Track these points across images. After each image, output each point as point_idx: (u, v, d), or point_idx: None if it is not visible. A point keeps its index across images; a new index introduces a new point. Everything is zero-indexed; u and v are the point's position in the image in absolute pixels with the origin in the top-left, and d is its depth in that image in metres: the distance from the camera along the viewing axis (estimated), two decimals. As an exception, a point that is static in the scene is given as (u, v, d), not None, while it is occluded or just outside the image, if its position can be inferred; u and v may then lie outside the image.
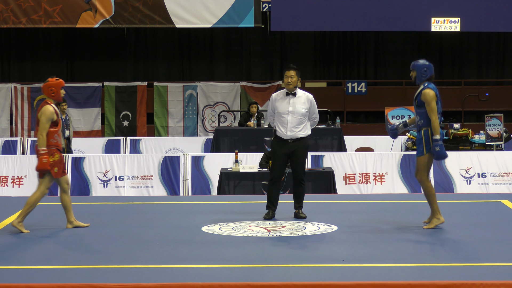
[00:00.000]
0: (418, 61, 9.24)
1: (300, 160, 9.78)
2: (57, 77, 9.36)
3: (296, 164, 9.79)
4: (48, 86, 9.23)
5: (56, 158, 9.13)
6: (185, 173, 14.44)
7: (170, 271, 6.99)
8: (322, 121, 18.88)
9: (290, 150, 9.72)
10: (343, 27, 20.66)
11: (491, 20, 19.74)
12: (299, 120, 9.73)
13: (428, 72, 9.13)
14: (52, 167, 9.08)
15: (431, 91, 8.99)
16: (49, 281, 6.56)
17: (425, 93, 9.01)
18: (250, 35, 22.66)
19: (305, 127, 9.77)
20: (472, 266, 7.14)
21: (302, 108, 9.71)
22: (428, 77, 9.13)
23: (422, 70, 9.14)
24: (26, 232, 8.96)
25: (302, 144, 9.77)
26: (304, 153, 9.84)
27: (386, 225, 9.37)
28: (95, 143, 18.83)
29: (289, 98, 9.73)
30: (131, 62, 22.74)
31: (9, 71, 22.81)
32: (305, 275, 6.81)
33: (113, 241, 8.52)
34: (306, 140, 9.84)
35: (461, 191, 14.30)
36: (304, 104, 9.73)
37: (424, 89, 9.04)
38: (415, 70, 9.17)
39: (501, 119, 16.79)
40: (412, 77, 9.22)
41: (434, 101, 8.98)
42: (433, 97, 8.98)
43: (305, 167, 9.99)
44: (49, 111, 9.15)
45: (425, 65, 9.17)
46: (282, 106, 9.71)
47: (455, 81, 22.66)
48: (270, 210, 9.79)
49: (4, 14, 19.72)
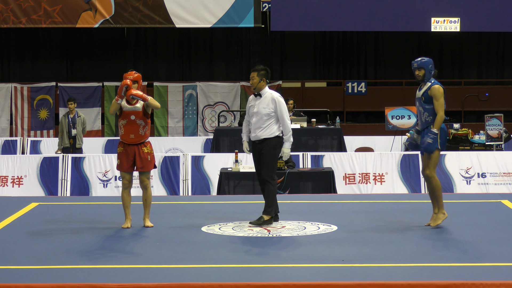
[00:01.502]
0: (424, 58, 9.22)
1: (264, 160, 9.39)
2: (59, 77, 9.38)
3: (261, 164, 9.46)
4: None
5: (120, 150, 9.22)
6: (185, 173, 14.44)
7: (170, 271, 6.99)
8: (322, 121, 18.96)
9: (258, 152, 9.47)
10: (343, 27, 20.65)
11: (491, 20, 19.73)
12: (263, 121, 9.42)
13: (433, 68, 9.19)
14: (116, 159, 9.28)
15: (440, 87, 9.06)
16: (49, 281, 6.56)
17: (435, 88, 9.03)
18: (250, 35, 22.66)
19: (269, 127, 9.41)
20: (472, 266, 7.14)
21: (265, 109, 9.42)
22: (433, 73, 9.17)
23: (429, 66, 9.15)
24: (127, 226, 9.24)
25: (268, 145, 9.39)
26: (268, 153, 9.39)
27: (386, 225, 9.37)
28: (95, 143, 18.83)
29: (256, 99, 9.58)
30: (131, 62, 22.73)
31: (9, 71, 22.80)
32: (305, 275, 6.81)
33: (113, 241, 8.51)
34: (273, 141, 9.42)
35: (461, 191, 14.30)
36: (268, 104, 9.43)
37: (433, 84, 9.06)
38: (424, 68, 9.13)
39: (501, 119, 16.80)
40: (420, 76, 9.14)
41: (443, 97, 9.03)
42: (442, 93, 9.04)
43: (271, 166, 9.42)
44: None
45: (430, 61, 9.20)
46: (250, 108, 9.58)
47: (455, 81, 22.65)
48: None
49: (4, 14, 19.72)
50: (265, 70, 9.61)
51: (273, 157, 9.43)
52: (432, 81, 9.12)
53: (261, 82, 9.53)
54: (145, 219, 9.30)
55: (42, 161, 14.58)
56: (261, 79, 9.53)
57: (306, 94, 21.68)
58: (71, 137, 16.18)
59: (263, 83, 9.56)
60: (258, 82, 9.52)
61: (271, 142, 9.42)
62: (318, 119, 18.30)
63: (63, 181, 14.42)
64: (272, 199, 9.33)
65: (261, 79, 9.53)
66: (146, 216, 9.31)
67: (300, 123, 16.79)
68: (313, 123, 16.93)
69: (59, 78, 22.29)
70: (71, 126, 16.16)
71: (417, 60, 9.23)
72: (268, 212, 9.32)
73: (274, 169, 9.45)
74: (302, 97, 21.48)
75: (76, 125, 16.16)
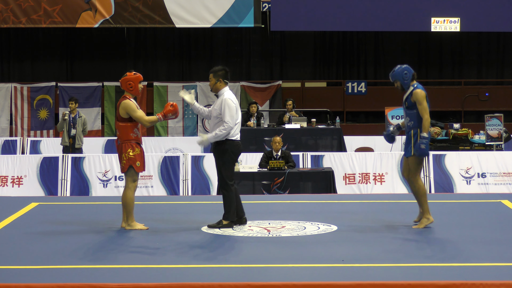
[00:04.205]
0: (394, 70, 9.25)
1: (218, 166, 9.25)
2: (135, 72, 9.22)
3: (216, 169, 9.34)
4: (126, 80, 9.13)
5: (137, 152, 9.11)
6: (185, 173, 14.44)
7: (170, 271, 6.99)
8: (322, 121, 18.96)
9: (214, 154, 9.36)
10: (343, 27, 20.65)
11: (491, 20, 19.73)
12: (214, 123, 9.24)
13: (409, 74, 9.16)
14: (134, 162, 9.07)
15: (422, 91, 9.07)
16: (49, 281, 6.56)
17: (416, 93, 9.06)
18: (250, 35, 22.66)
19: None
20: (472, 266, 7.14)
21: (216, 110, 9.22)
22: (411, 78, 9.15)
23: (402, 75, 9.16)
24: (145, 228, 9.07)
25: (219, 150, 9.21)
26: (220, 159, 9.19)
27: (386, 225, 9.37)
28: (95, 143, 18.83)
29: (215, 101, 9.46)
30: (131, 62, 22.73)
31: (9, 71, 22.80)
32: (305, 275, 6.81)
33: (113, 241, 8.51)
34: (223, 145, 9.17)
35: (461, 191, 14.30)
36: (218, 106, 9.21)
37: (415, 89, 9.08)
38: (397, 79, 9.19)
39: (501, 119, 16.79)
40: (398, 87, 9.24)
41: (425, 100, 9.04)
42: (424, 96, 9.05)
43: (225, 173, 9.18)
44: (132, 104, 9.07)
45: (402, 69, 9.19)
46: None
47: (455, 81, 22.65)
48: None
49: (4, 14, 19.72)
50: (222, 71, 9.30)
51: (226, 163, 9.19)
52: (415, 85, 9.14)
53: (217, 83, 9.27)
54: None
55: (42, 161, 14.59)
56: (217, 80, 9.26)
57: (306, 94, 21.68)
58: (71, 136, 16.18)
59: (220, 84, 9.27)
60: (214, 84, 9.28)
61: (222, 146, 9.19)
62: (318, 119, 18.30)
63: (63, 181, 14.43)
64: (228, 205, 9.21)
65: (218, 80, 9.26)
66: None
67: (300, 123, 16.80)
68: (313, 123, 16.94)
69: (59, 78, 22.30)
70: (71, 126, 16.16)
71: (391, 73, 9.28)
72: (226, 217, 9.23)
73: (228, 175, 9.23)
74: (302, 97, 21.48)
75: (76, 125, 16.15)
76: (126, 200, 9.06)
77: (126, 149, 9.06)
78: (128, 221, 9.09)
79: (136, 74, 9.18)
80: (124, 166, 9.09)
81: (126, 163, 9.06)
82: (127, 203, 9.06)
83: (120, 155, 9.12)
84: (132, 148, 9.06)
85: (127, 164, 9.06)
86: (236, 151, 9.26)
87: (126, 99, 9.09)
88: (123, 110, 9.05)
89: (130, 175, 9.10)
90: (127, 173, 9.10)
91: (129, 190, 9.09)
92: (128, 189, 9.09)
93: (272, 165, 13.47)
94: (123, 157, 9.07)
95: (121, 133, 9.11)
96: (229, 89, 9.33)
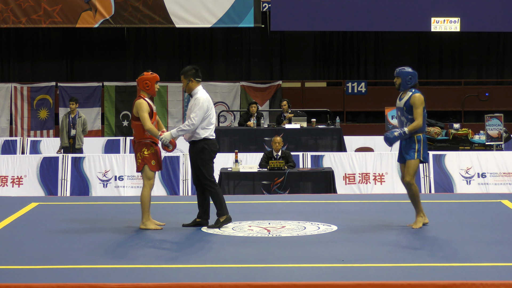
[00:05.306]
0: (404, 68, 9.28)
1: (197, 167, 9.21)
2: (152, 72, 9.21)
3: (196, 171, 9.27)
4: (143, 79, 9.14)
5: (152, 151, 9.14)
6: (185, 173, 14.44)
7: (170, 271, 7.00)
8: (322, 121, 18.95)
9: (190, 155, 9.34)
10: (343, 27, 20.65)
11: (491, 20, 19.73)
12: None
13: (412, 80, 9.19)
14: (149, 160, 9.09)
15: (421, 96, 9.11)
16: (49, 281, 6.56)
17: (416, 97, 9.08)
18: (250, 35, 22.65)
19: (194, 130, 9.15)
20: (472, 266, 7.14)
21: (189, 110, 9.25)
22: (412, 85, 9.18)
23: (407, 77, 9.19)
24: (160, 227, 9.10)
25: (195, 149, 9.20)
26: (197, 159, 9.19)
27: (386, 225, 9.37)
28: (95, 143, 18.84)
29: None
30: (131, 62, 22.73)
31: (9, 71, 22.80)
32: (305, 275, 6.81)
33: (112, 241, 8.51)
34: (199, 144, 9.17)
35: (461, 191, 14.30)
36: (191, 105, 9.21)
37: (414, 93, 9.10)
38: (400, 77, 9.22)
39: (501, 119, 16.79)
40: (396, 84, 9.26)
41: (422, 107, 9.06)
42: (422, 101, 9.07)
43: (205, 172, 9.18)
44: (144, 104, 9.07)
45: (409, 72, 9.21)
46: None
47: (455, 81, 22.64)
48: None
49: (4, 14, 19.72)
50: (192, 70, 9.25)
51: (204, 161, 9.19)
52: (413, 90, 9.16)
53: (190, 83, 9.22)
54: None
55: (42, 161, 14.59)
56: (189, 80, 9.22)
57: (306, 94, 21.67)
58: (71, 137, 16.18)
59: (193, 83, 9.23)
60: (186, 84, 9.25)
61: (198, 145, 9.19)
62: (318, 119, 18.29)
63: (63, 181, 14.43)
64: (219, 202, 9.20)
65: (189, 80, 9.22)
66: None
67: (300, 123, 16.80)
68: (313, 123, 16.94)
69: (59, 78, 22.29)
70: (71, 126, 16.16)
71: (399, 68, 9.31)
72: (221, 213, 9.22)
73: (208, 173, 9.22)
74: (302, 97, 21.48)
75: (76, 125, 16.15)
76: (142, 199, 9.13)
77: (141, 148, 9.12)
78: (143, 219, 9.14)
79: (153, 74, 9.23)
80: (139, 165, 9.16)
81: (141, 162, 9.12)
82: (142, 201, 9.12)
83: (135, 154, 9.19)
84: (147, 147, 9.12)
85: (142, 163, 9.12)
86: (214, 149, 9.30)
87: (141, 99, 9.14)
88: (135, 109, 9.13)
89: (145, 174, 9.15)
90: (143, 172, 9.16)
91: (145, 188, 9.15)
92: (144, 187, 9.17)
93: (272, 165, 13.48)
94: (138, 156, 9.14)
95: (136, 132, 9.19)
96: (202, 88, 9.30)
